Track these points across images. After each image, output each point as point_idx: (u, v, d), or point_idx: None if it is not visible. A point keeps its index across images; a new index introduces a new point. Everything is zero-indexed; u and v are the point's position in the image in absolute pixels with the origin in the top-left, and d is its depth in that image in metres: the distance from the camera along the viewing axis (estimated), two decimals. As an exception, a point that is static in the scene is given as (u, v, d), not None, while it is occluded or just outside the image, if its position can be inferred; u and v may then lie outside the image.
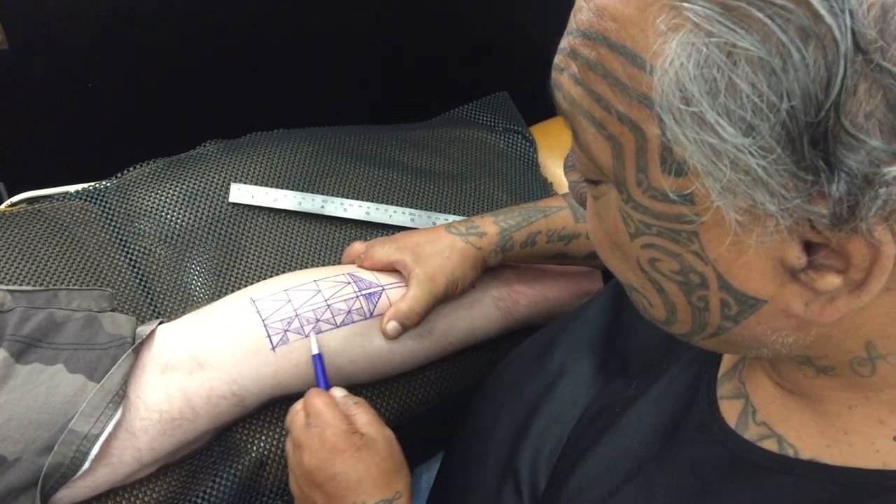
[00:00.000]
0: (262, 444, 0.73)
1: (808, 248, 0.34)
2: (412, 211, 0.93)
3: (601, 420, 0.58)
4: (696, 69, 0.32)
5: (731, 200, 0.34)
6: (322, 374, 0.70)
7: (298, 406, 0.67)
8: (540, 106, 0.42)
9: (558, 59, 0.40)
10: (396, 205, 0.94)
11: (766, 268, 0.36)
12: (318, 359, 0.70)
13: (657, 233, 0.39)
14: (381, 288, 0.76)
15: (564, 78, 0.39)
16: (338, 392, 0.68)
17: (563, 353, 0.67)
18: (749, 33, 0.30)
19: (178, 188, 0.87)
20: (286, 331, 0.71)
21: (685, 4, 0.32)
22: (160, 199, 0.86)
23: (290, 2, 1.07)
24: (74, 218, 0.82)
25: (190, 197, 0.87)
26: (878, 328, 0.38)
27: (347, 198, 0.92)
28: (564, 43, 0.39)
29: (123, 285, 0.79)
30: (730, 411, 0.49)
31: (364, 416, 0.65)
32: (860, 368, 0.40)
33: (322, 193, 0.92)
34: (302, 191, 0.91)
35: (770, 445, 0.45)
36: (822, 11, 0.29)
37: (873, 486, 0.39)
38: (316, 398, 0.65)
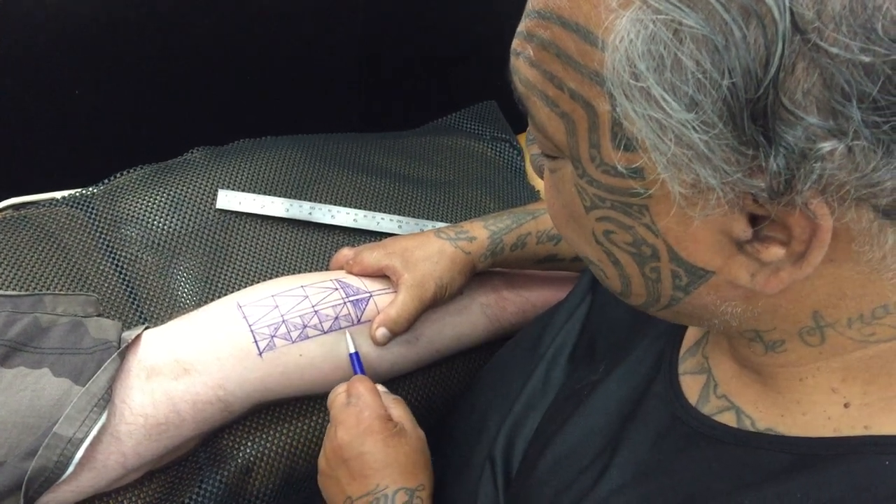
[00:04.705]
0: (248, 451, 0.72)
1: (754, 220, 0.36)
2: (400, 218, 0.93)
3: (570, 403, 0.59)
4: (643, 45, 0.33)
5: (675, 174, 0.35)
6: (360, 369, 0.72)
7: (342, 388, 0.69)
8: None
9: (515, 44, 0.41)
10: (384, 212, 0.94)
11: (714, 240, 0.37)
12: (355, 357, 0.72)
13: (610, 206, 0.40)
14: (368, 294, 0.76)
15: (520, 62, 0.40)
16: (379, 387, 0.70)
17: (545, 346, 0.68)
18: (694, 11, 0.31)
19: (164, 194, 0.87)
20: (273, 336, 0.70)
21: None
22: (147, 206, 0.85)
23: (278, 9, 1.07)
24: (61, 224, 0.82)
25: (177, 203, 0.86)
26: (824, 298, 0.39)
27: (335, 205, 0.92)
28: (521, 26, 0.40)
29: (110, 291, 0.79)
30: (692, 386, 0.51)
31: (400, 411, 0.68)
32: (809, 338, 0.41)
33: (310, 200, 0.92)
34: (290, 197, 0.91)
35: (728, 418, 0.46)
36: None
37: (824, 453, 0.40)
38: (360, 383, 0.68)
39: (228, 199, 0.88)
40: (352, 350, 0.73)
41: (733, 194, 0.34)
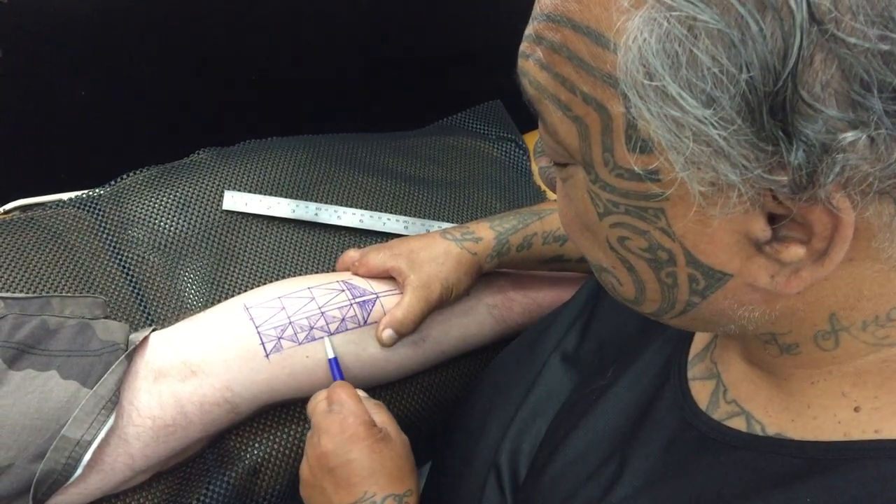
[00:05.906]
0: (255, 452, 0.72)
1: (772, 220, 0.35)
2: (406, 218, 0.93)
3: (578, 409, 0.59)
4: (658, 44, 0.32)
5: (694, 173, 0.34)
6: (339, 374, 0.71)
7: (322, 395, 0.68)
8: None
9: (524, 46, 0.41)
10: (390, 212, 0.94)
11: (732, 241, 0.37)
12: (334, 362, 0.71)
13: (625, 211, 0.39)
14: (375, 295, 0.76)
15: (530, 64, 0.40)
16: (360, 392, 0.69)
17: (546, 350, 0.68)
18: (708, 6, 0.31)
19: (171, 196, 0.87)
20: (280, 338, 0.70)
21: None
22: (153, 207, 0.86)
23: (283, 10, 1.07)
24: (67, 226, 0.82)
25: (183, 204, 0.87)
26: (842, 300, 0.38)
27: (341, 205, 0.92)
28: (530, 29, 0.40)
29: (117, 293, 0.79)
30: (701, 392, 0.50)
31: (383, 416, 0.67)
32: (824, 343, 0.41)
33: (316, 201, 0.92)
34: (296, 198, 0.91)
35: (738, 423, 0.46)
36: None
37: (834, 457, 0.40)
38: (341, 389, 0.66)
39: (235, 201, 0.88)
40: (330, 356, 0.71)
41: (754, 191, 0.34)
